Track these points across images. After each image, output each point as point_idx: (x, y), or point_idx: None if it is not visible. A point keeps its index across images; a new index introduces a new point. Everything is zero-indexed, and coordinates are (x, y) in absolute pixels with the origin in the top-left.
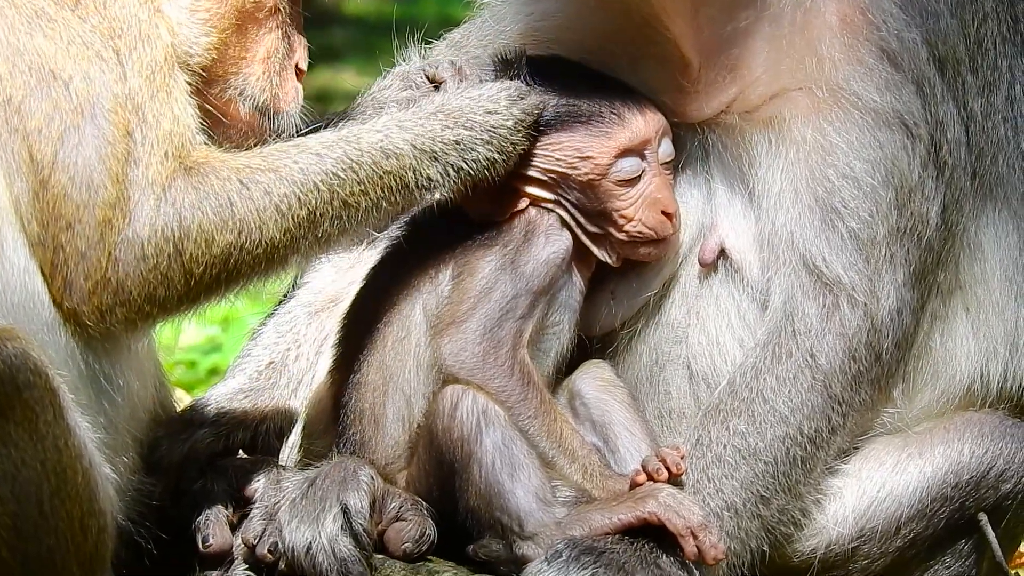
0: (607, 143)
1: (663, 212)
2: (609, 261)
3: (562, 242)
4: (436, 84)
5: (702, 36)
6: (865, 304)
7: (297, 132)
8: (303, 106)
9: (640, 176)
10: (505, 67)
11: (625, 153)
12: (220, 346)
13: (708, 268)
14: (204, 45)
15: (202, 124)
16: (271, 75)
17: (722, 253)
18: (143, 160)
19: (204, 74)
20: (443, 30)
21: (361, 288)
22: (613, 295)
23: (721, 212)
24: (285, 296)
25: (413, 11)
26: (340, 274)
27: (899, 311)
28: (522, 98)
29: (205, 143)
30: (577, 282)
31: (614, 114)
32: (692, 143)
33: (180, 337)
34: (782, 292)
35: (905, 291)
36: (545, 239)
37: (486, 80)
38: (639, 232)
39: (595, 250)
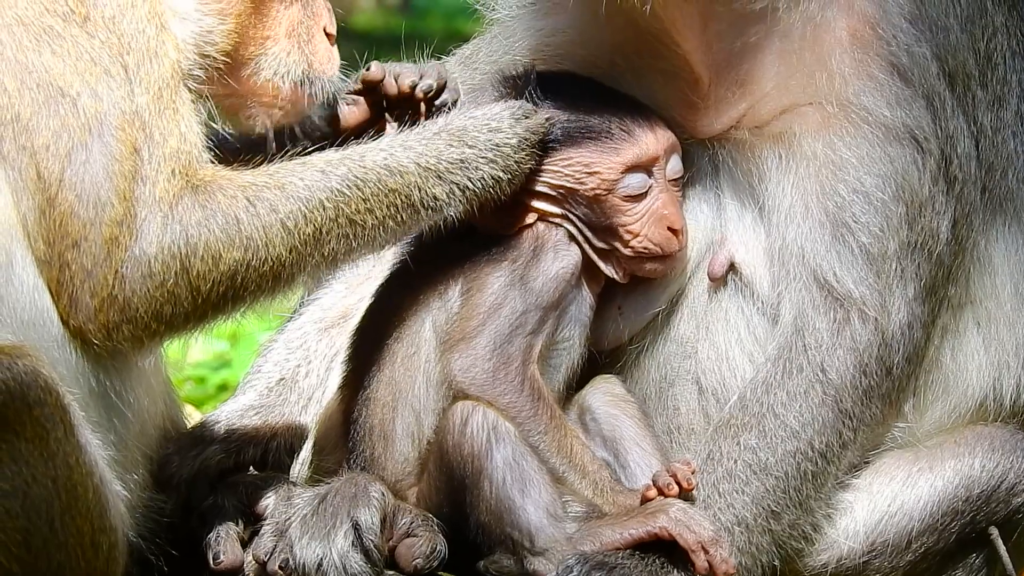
0: (615, 159)
1: (669, 228)
2: (615, 277)
3: (571, 257)
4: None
5: (712, 51)
6: (876, 319)
7: (335, 96)
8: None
9: (647, 192)
10: (511, 85)
11: (633, 169)
12: (229, 362)
13: (717, 283)
14: (222, 33)
15: (240, 112)
16: (301, 46)
17: (732, 268)
18: (150, 178)
19: (229, 61)
20: (451, 44)
21: (371, 304)
22: (620, 311)
23: (731, 227)
24: (295, 312)
25: (421, 26)
26: (350, 290)
27: (910, 325)
28: (526, 116)
29: (211, 161)
30: (587, 297)
31: (623, 130)
32: (702, 158)
33: (189, 353)
34: (792, 307)
35: (916, 305)
36: (554, 254)
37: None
38: (645, 248)
39: (602, 265)
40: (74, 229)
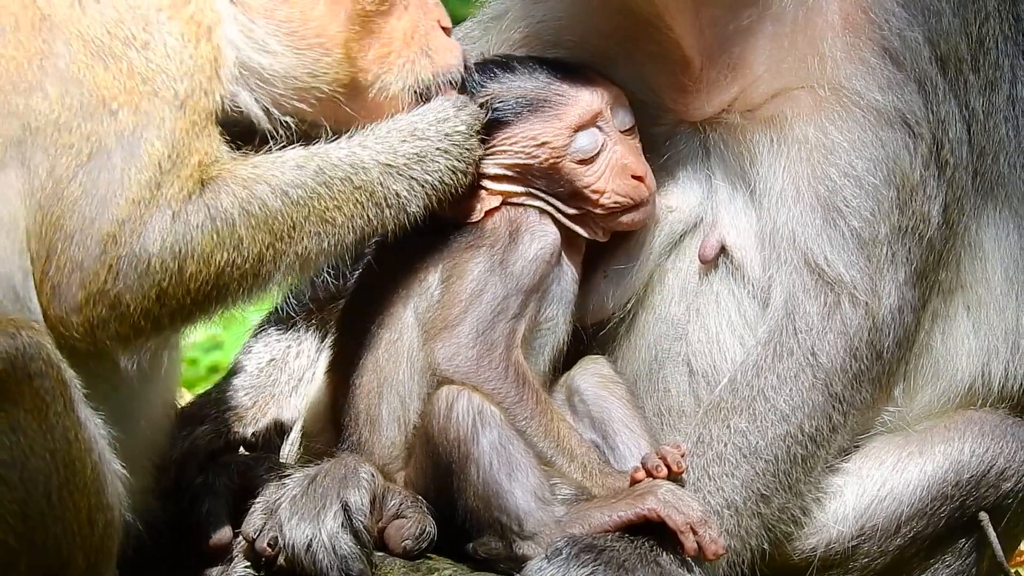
0: (558, 124)
1: (633, 176)
2: (597, 237)
3: (548, 237)
4: None
5: (704, 35)
6: (866, 303)
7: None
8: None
9: (601, 148)
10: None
11: (579, 129)
12: (221, 344)
13: (709, 265)
14: (329, 63)
15: (349, 125)
16: (423, 51)
17: (723, 251)
18: (165, 183)
19: (344, 87)
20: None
21: (353, 289)
22: (605, 275)
23: (722, 210)
24: (288, 293)
25: None
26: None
27: (900, 310)
28: (467, 105)
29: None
30: (569, 272)
31: (559, 94)
32: (693, 142)
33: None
34: (783, 290)
35: (906, 290)
36: (531, 237)
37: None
38: (615, 203)
39: (580, 230)
40: (71, 223)
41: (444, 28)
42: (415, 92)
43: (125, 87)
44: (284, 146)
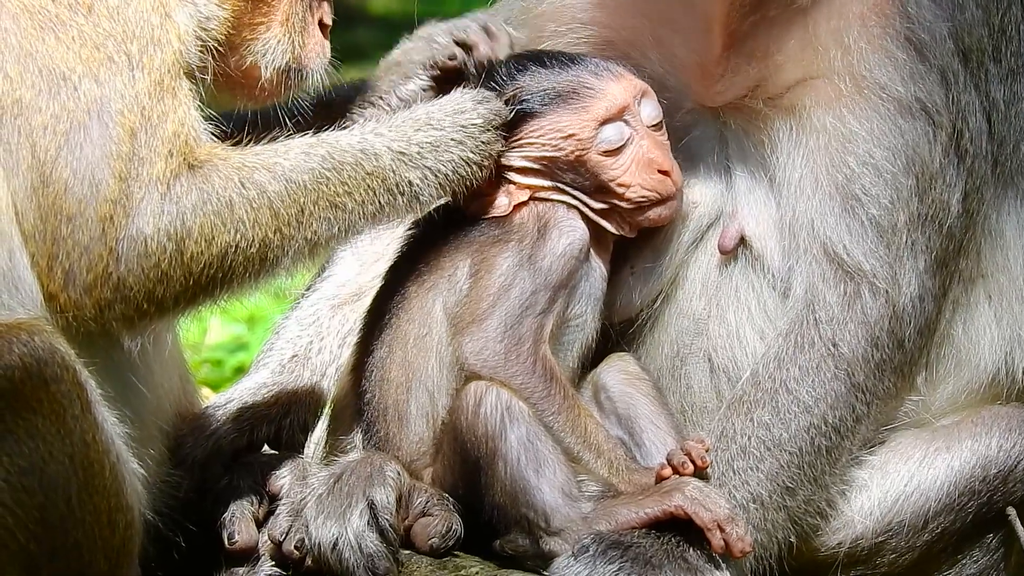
0: (585, 116)
1: (659, 171)
2: (624, 233)
3: (577, 233)
4: (465, 48)
5: (729, 21)
6: (887, 291)
7: (324, 89)
8: (331, 61)
9: (627, 142)
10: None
11: (605, 122)
12: (246, 344)
13: (728, 256)
14: (220, 19)
15: (225, 92)
16: (292, 36)
17: (742, 241)
18: (147, 159)
19: (222, 46)
20: None
21: (381, 285)
22: (633, 270)
23: (741, 199)
24: (308, 289)
25: (438, 10)
26: (364, 267)
27: (921, 298)
28: (487, 99)
29: (210, 140)
30: (597, 268)
31: (587, 87)
32: (713, 128)
33: (206, 336)
34: (803, 280)
35: (926, 278)
36: (559, 232)
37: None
38: (642, 197)
39: (607, 225)
40: (68, 205)
41: (323, 25)
42: (272, 69)
43: (80, 56)
44: (292, 135)
